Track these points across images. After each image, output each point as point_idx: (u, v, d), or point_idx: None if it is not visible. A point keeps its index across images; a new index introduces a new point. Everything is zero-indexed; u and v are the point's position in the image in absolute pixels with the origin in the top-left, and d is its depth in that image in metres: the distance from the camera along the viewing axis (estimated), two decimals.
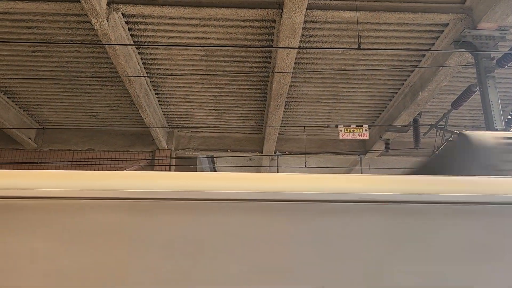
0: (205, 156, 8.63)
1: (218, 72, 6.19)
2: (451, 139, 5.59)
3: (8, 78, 6.49)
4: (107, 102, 7.18)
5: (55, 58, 5.96)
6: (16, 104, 7.32)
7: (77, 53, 5.83)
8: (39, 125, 8.14)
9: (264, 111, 7.39)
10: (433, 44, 5.48)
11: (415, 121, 6.72)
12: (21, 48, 5.74)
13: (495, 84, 4.36)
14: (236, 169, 10.85)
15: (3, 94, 6.97)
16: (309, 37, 5.37)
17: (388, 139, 7.57)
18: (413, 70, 6.11)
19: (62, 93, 6.93)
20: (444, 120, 5.88)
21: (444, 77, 5.54)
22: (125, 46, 5.34)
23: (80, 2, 4.64)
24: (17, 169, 7.86)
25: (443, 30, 5.18)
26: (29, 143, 7.90)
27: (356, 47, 4.15)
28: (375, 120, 7.73)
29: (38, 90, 6.86)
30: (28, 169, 7.90)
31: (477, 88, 4.63)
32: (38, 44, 5.67)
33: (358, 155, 8.42)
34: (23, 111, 7.57)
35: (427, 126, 6.84)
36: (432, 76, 5.60)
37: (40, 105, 7.36)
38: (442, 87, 6.31)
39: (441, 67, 5.30)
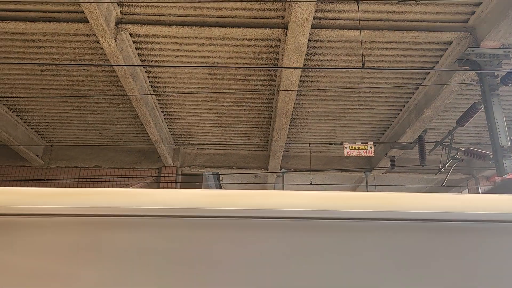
0: (211, 173, 8.65)
1: (224, 90, 6.25)
2: (457, 156, 5.59)
3: (18, 97, 6.60)
4: (114, 119, 7.26)
5: (63, 77, 6.06)
6: (24, 122, 7.42)
7: (85, 72, 5.93)
8: (47, 142, 8.23)
9: (269, 128, 7.43)
10: (437, 62, 5.52)
11: (421, 138, 6.72)
12: (30, 67, 5.85)
13: (500, 102, 4.36)
14: (241, 186, 10.85)
15: (12, 112, 7.08)
16: (313, 55, 5.43)
17: (394, 156, 7.56)
18: (418, 88, 6.14)
19: (70, 111, 7.02)
20: (450, 137, 5.87)
21: (449, 94, 5.56)
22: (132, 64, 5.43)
23: (89, 22, 4.75)
24: (24, 186, 7.93)
25: (446, 48, 5.23)
26: (37, 160, 7.97)
27: (361, 66, 4.19)
28: (380, 137, 7.74)
29: (46, 108, 6.96)
30: (35, 186, 7.97)
31: (482, 105, 4.64)
32: (47, 63, 5.78)
33: (364, 172, 8.40)
34: (31, 128, 7.67)
35: (432, 143, 6.83)
36: (436, 94, 5.62)
37: (48, 122, 7.45)
38: (447, 105, 6.32)
39: (445, 85, 5.32)
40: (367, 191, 8.42)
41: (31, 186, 7.91)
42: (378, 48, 5.29)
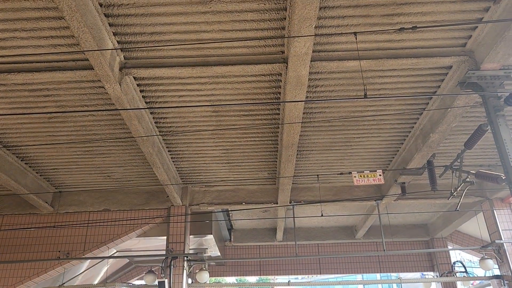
0: (220, 210, 8.58)
1: (228, 127, 6.30)
2: (468, 179, 5.50)
3: (26, 145, 6.69)
4: (121, 162, 7.30)
5: (70, 123, 6.16)
6: (33, 170, 7.49)
7: (91, 117, 6.03)
8: (56, 188, 8.26)
9: (276, 161, 7.42)
10: (439, 86, 5.55)
11: (429, 163, 6.65)
12: (38, 115, 5.96)
13: (506, 122, 4.33)
14: (252, 222, 10.72)
15: (21, 160, 7.16)
16: (315, 87, 5.49)
17: (404, 183, 7.47)
18: (422, 113, 6.14)
19: (78, 156, 7.09)
20: (459, 161, 5.81)
21: (454, 118, 5.54)
22: (137, 107, 5.51)
23: (93, 69, 4.87)
24: (34, 234, 7.90)
25: (447, 73, 5.26)
26: (46, 207, 7.98)
27: (363, 95, 4.22)
28: (388, 164, 7.68)
29: (54, 155, 7.03)
30: (45, 233, 7.93)
31: (488, 127, 4.61)
32: (54, 111, 5.89)
33: (375, 201, 8.28)
34: (40, 175, 7.72)
35: (442, 167, 6.75)
36: (441, 118, 5.61)
37: (56, 169, 7.51)
38: (453, 128, 6.30)
39: (449, 109, 5.32)
40: (380, 220, 8.28)
41: (40, 234, 7.88)
42: (378, 76, 5.34)
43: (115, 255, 9.25)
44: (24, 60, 4.91)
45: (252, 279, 21.20)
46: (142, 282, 12.00)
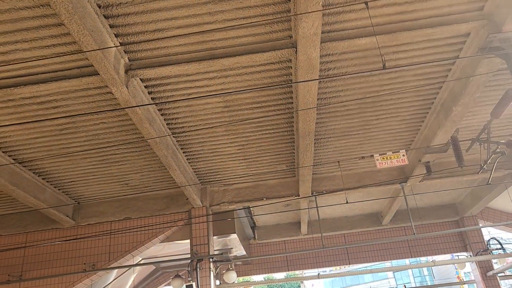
0: (241, 207, 8.42)
1: (241, 121, 6.14)
2: (499, 150, 5.22)
3: (41, 159, 6.65)
4: (137, 168, 7.21)
5: (82, 133, 6.08)
6: (51, 184, 7.45)
7: (102, 125, 5.93)
8: (75, 201, 8.22)
9: (294, 153, 7.22)
10: (458, 56, 5.28)
11: (454, 138, 6.37)
12: (49, 128, 5.89)
13: None
14: (275, 218, 10.55)
15: (38, 176, 7.12)
16: (327, 70, 5.28)
17: (428, 162, 7.19)
18: (441, 87, 5.87)
19: (93, 166, 7.02)
20: (486, 132, 5.52)
21: (476, 88, 5.27)
22: (147, 109, 5.39)
23: (99, 74, 4.75)
24: (58, 249, 7.87)
25: (465, 41, 4.99)
26: (67, 220, 7.94)
27: (381, 69, 4.01)
28: (410, 144, 7.41)
29: (70, 167, 6.97)
30: (68, 247, 7.90)
31: None
32: (65, 122, 5.81)
33: (399, 184, 8.02)
34: (58, 189, 7.68)
35: (468, 141, 6.46)
36: (463, 89, 5.34)
37: (73, 181, 7.46)
38: (476, 99, 6.00)
39: (471, 78, 5.05)
40: (406, 203, 8.01)
41: (64, 248, 7.85)
42: (393, 52, 5.11)
43: (140, 263, 9.19)
44: (29, 73, 4.83)
45: (280, 275, 21.03)
46: (170, 287, 11.92)
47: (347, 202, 6.71)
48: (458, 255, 11.17)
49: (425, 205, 10.84)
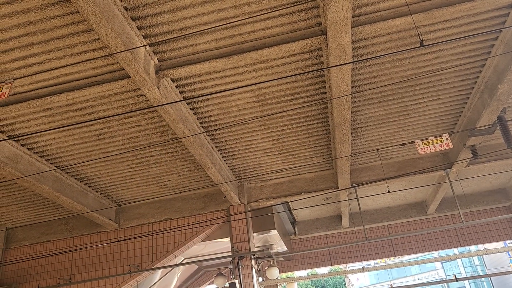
0: (280, 203, 8.33)
1: (275, 115, 6.03)
2: None
3: (82, 165, 6.82)
4: (174, 168, 7.26)
5: (119, 137, 6.17)
6: (92, 189, 7.64)
7: (137, 127, 6.00)
8: (116, 204, 8.41)
9: (330, 144, 7.05)
10: (501, 31, 4.94)
11: (501, 118, 6.00)
12: (87, 134, 6.02)
13: None
14: (314, 212, 10.39)
15: (80, 181, 7.32)
16: (360, 56, 5.08)
17: (474, 145, 6.81)
18: (484, 64, 5.53)
19: (132, 169, 7.13)
20: None
21: None
22: (179, 109, 5.40)
23: (130, 77, 4.79)
24: (103, 251, 8.07)
25: (509, 12, 4.66)
26: (110, 223, 8.13)
27: (413, 55, 3.79)
28: (453, 128, 7.05)
29: (109, 171, 7.12)
30: (113, 249, 8.08)
31: None
32: (102, 127, 5.92)
33: (444, 170, 7.66)
34: (100, 193, 7.88)
35: None
36: (509, 65, 5.00)
37: (114, 185, 7.62)
38: None
39: None
40: (452, 189, 7.64)
41: (109, 251, 8.04)
42: (429, 31, 4.84)
43: (183, 262, 9.29)
44: (64, 80, 4.93)
45: (323, 270, 20.82)
46: (213, 286, 12.03)
47: (389, 191, 6.46)
48: (511, 242, 10.59)
49: (472, 191, 10.34)
